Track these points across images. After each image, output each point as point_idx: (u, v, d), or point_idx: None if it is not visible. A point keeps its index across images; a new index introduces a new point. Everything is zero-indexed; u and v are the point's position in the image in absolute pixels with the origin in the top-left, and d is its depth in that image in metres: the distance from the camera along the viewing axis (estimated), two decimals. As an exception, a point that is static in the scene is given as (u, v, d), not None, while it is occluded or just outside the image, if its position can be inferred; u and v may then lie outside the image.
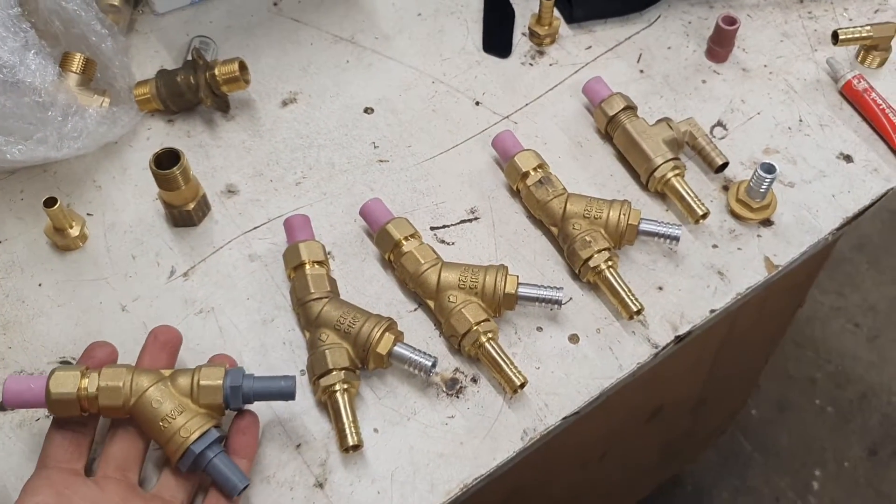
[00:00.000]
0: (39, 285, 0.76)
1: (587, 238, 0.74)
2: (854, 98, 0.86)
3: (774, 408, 1.88)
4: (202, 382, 0.63)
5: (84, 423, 0.65)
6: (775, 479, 1.80)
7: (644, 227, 0.75)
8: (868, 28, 0.86)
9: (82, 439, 0.64)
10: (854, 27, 0.86)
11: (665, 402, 1.14)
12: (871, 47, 0.88)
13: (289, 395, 0.65)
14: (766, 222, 0.79)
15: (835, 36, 0.86)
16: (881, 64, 0.89)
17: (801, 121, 0.86)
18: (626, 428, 1.11)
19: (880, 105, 0.84)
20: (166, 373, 0.65)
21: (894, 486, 1.78)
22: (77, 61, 0.79)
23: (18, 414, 0.70)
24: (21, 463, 0.68)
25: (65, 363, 0.72)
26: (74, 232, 0.77)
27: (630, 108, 0.82)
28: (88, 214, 0.80)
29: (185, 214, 0.77)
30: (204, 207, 0.78)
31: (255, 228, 0.79)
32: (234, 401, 0.64)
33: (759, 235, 0.79)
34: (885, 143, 0.84)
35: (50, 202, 0.74)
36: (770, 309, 1.14)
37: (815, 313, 1.98)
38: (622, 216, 0.75)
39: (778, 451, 1.83)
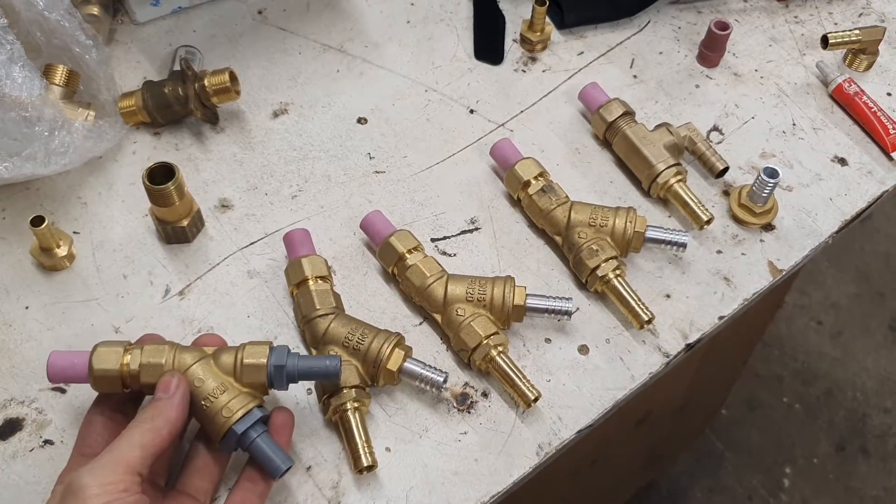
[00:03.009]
0: (26, 308, 0.73)
1: (594, 247, 0.73)
2: (845, 101, 0.86)
3: (744, 407, 1.90)
4: (246, 361, 0.61)
5: (120, 409, 0.63)
6: (747, 477, 1.82)
7: (651, 234, 0.74)
8: (857, 32, 0.87)
9: (119, 428, 0.61)
10: (843, 31, 0.87)
11: (653, 406, 1.14)
12: (859, 51, 0.89)
13: (334, 374, 0.63)
14: (768, 227, 0.79)
15: (824, 40, 0.86)
16: (868, 67, 0.90)
17: (794, 125, 0.86)
18: (616, 433, 1.10)
19: (872, 108, 0.85)
20: (209, 350, 0.63)
21: (863, 481, 1.81)
22: (60, 73, 0.76)
23: (11, 445, 0.67)
24: (16, 496, 0.64)
25: (58, 390, 0.69)
26: (62, 251, 0.74)
27: (628, 113, 0.81)
28: (75, 233, 0.76)
29: (178, 231, 0.74)
30: (198, 223, 0.76)
31: (251, 244, 0.76)
32: (278, 380, 0.62)
33: (761, 240, 0.79)
34: (877, 146, 0.85)
35: (37, 221, 0.71)
36: (754, 310, 1.15)
37: (779, 312, 2.00)
38: (628, 224, 0.74)
39: (749, 450, 1.85)
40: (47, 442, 0.67)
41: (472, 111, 0.86)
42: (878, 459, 1.83)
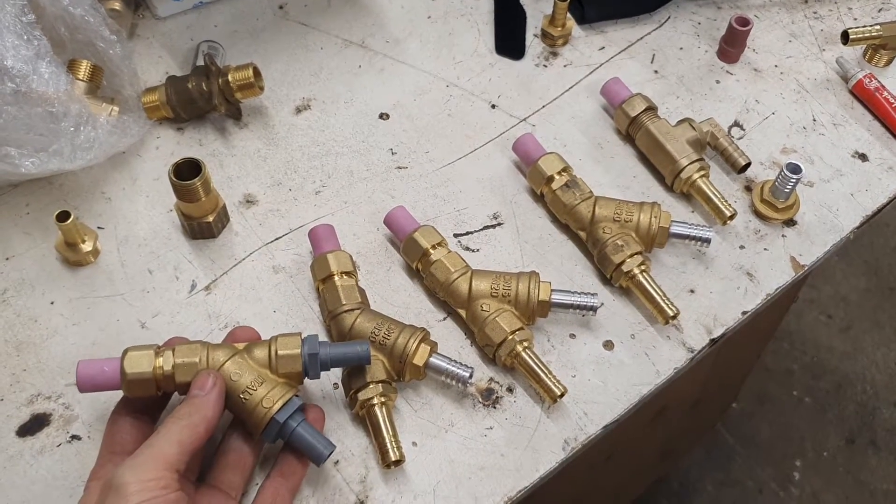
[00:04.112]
0: (52, 303, 0.73)
1: (619, 242, 0.73)
2: (865, 97, 0.86)
3: (754, 400, 1.90)
4: (281, 352, 0.62)
5: (146, 409, 0.64)
6: (757, 470, 1.82)
7: (675, 229, 0.74)
8: (878, 27, 0.87)
9: (147, 427, 0.63)
10: (864, 27, 0.87)
11: (669, 401, 1.14)
12: (880, 46, 0.89)
13: (365, 359, 0.64)
14: (790, 222, 0.80)
15: (845, 35, 0.86)
16: (888, 63, 0.90)
17: (814, 120, 0.86)
18: (632, 428, 1.10)
19: (892, 103, 0.85)
20: (240, 346, 0.64)
21: (872, 474, 1.81)
22: (84, 68, 0.76)
23: (39, 440, 0.67)
24: (45, 491, 0.65)
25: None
26: (87, 247, 0.74)
27: (651, 108, 0.81)
28: (99, 228, 0.77)
29: (204, 226, 0.74)
30: (224, 219, 0.76)
31: (276, 239, 0.77)
32: (313, 369, 0.63)
33: (783, 235, 0.79)
34: (898, 141, 0.85)
35: (63, 216, 0.71)
36: (770, 304, 1.15)
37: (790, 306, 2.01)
38: (653, 219, 0.74)
39: (759, 443, 1.85)
40: (74, 437, 0.67)
41: (493, 106, 0.86)
42: (888, 453, 1.83)
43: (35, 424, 0.68)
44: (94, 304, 0.73)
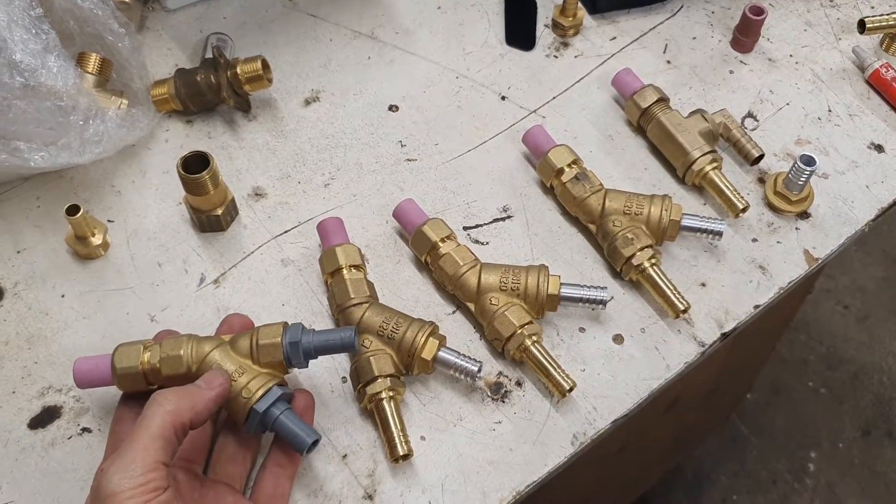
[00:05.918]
0: (62, 296, 0.73)
1: (629, 235, 0.72)
2: (882, 87, 0.85)
3: (769, 391, 1.89)
4: (261, 342, 0.62)
5: None
6: (772, 461, 1.81)
7: (687, 222, 0.74)
8: (895, 16, 0.85)
9: None
10: (881, 15, 0.86)
11: (682, 392, 1.13)
12: (897, 35, 0.87)
13: (349, 346, 0.63)
14: (804, 214, 0.79)
15: (861, 24, 0.85)
16: (905, 51, 0.89)
17: (830, 111, 0.85)
18: (644, 420, 1.10)
19: (910, 93, 0.84)
20: (226, 338, 0.64)
21: (888, 466, 1.80)
22: (93, 61, 0.76)
23: (50, 432, 0.67)
24: (55, 483, 0.65)
25: (95, 378, 0.70)
26: (97, 240, 0.74)
27: (663, 99, 0.80)
28: (109, 221, 0.77)
29: (213, 219, 0.74)
30: (232, 212, 0.76)
31: (285, 232, 0.76)
32: (295, 357, 0.63)
33: (797, 228, 0.78)
34: (915, 132, 0.84)
35: (72, 210, 0.71)
36: (785, 296, 1.14)
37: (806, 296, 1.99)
38: (664, 212, 0.73)
39: (773, 434, 1.84)
40: (85, 430, 0.67)
41: (503, 98, 0.85)
42: (904, 444, 1.82)
43: (46, 417, 0.68)
44: (104, 298, 0.73)
